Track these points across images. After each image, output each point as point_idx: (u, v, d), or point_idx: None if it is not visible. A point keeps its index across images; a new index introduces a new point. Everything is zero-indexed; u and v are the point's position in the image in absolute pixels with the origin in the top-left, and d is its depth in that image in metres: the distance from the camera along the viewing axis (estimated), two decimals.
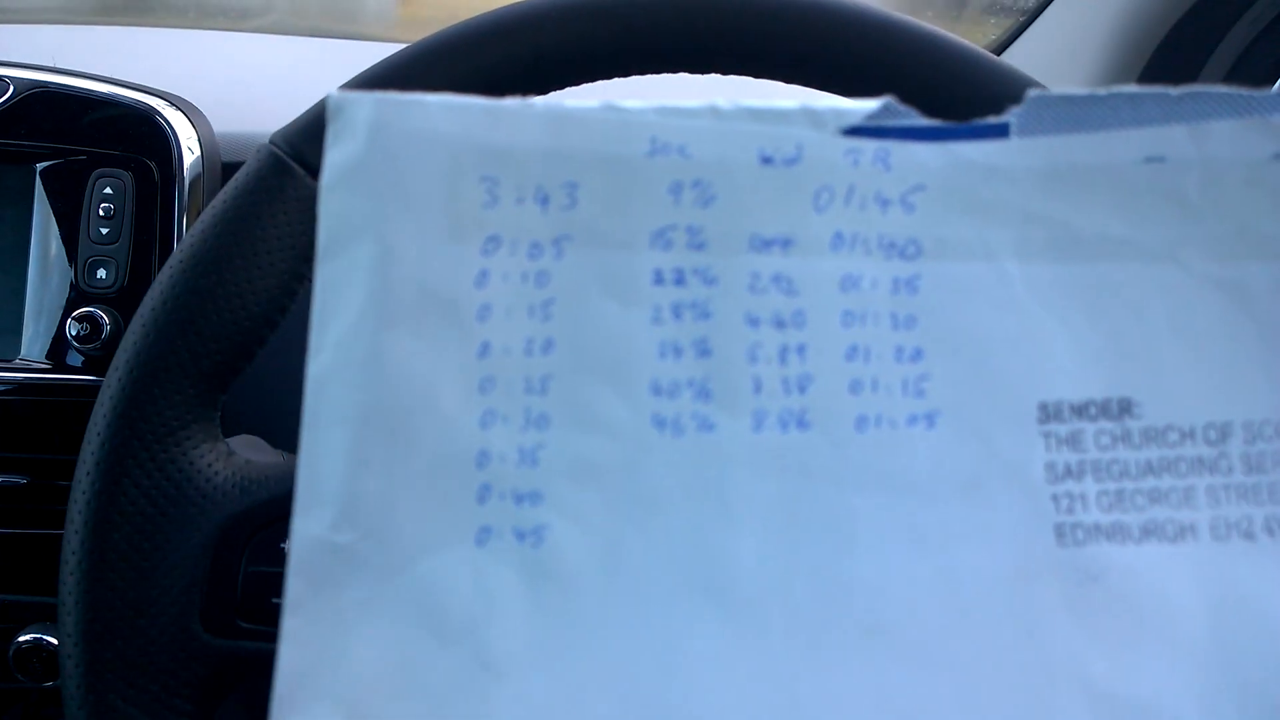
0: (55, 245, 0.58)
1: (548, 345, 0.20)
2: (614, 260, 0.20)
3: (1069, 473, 0.20)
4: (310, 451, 0.19)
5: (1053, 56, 0.76)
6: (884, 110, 0.20)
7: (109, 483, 0.35)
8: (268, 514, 0.36)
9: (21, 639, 0.58)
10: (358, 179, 0.19)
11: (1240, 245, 0.20)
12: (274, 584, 0.35)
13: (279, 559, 0.35)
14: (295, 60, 0.86)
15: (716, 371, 0.20)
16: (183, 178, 0.58)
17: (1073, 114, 0.20)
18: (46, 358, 0.58)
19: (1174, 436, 0.20)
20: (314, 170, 0.36)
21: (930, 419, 0.20)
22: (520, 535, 0.19)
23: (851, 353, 0.20)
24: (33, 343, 0.58)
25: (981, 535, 0.20)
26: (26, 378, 0.57)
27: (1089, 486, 0.20)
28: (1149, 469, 0.20)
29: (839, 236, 0.20)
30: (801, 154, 0.20)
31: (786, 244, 0.20)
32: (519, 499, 0.19)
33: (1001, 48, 0.83)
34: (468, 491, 0.19)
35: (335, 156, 0.19)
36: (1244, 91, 0.20)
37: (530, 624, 0.19)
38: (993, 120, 0.20)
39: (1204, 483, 0.20)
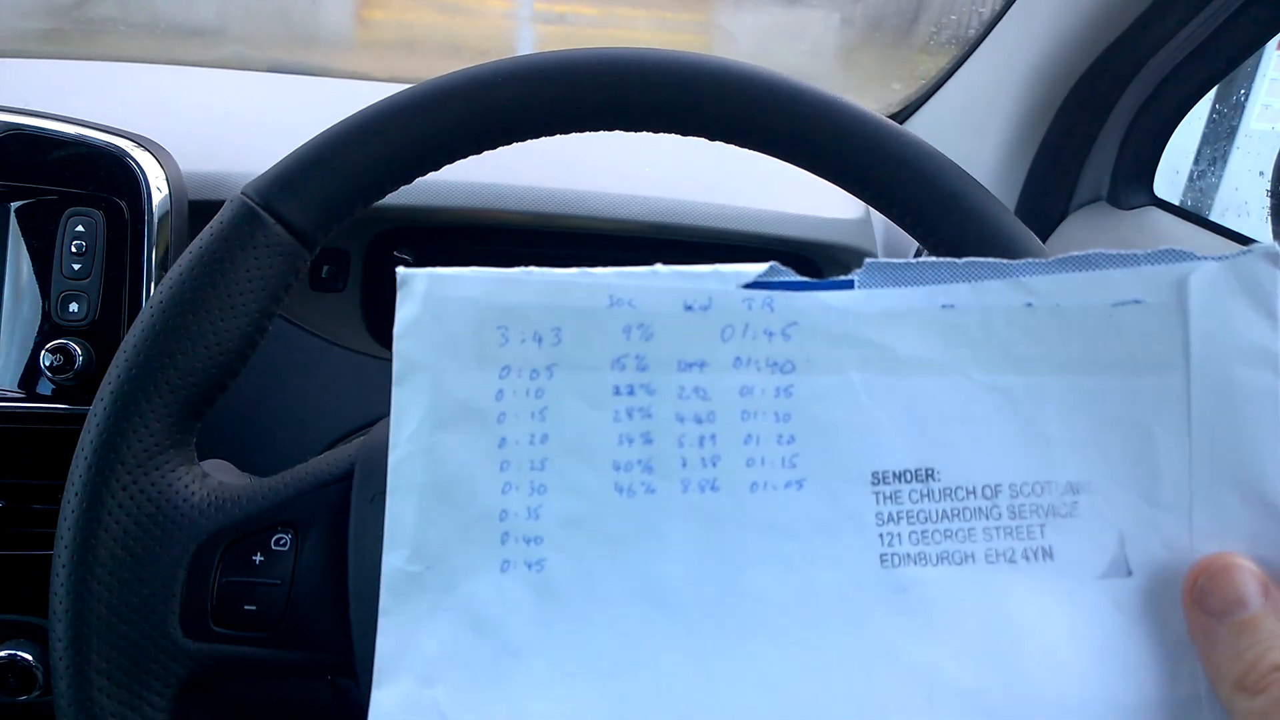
0: (28, 280, 0.59)
1: (544, 438, 0.28)
2: (587, 379, 0.28)
3: (891, 519, 0.28)
4: (392, 510, 0.28)
5: (963, 114, 0.80)
6: (770, 270, 0.28)
7: (94, 502, 0.37)
8: (239, 531, 0.38)
9: None
10: (417, 330, 0.28)
11: (1004, 363, 0.27)
12: (246, 592, 0.38)
13: (250, 570, 0.38)
14: (255, 97, 0.88)
15: (656, 453, 0.28)
16: (152, 216, 0.60)
17: (895, 274, 0.28)
18: (19, 386, 0.59)
19: (962, 493, 0.27)
20: (282, 219, 0.39)
21: (800, 484, 0.28)
22: (529, 565, 0.28)
23: (747, 439, 0.28)
24: (5, 372, 0.59)
25: (831, 561, 0.28)
26: (0, 406, 0.59)
27: (904, 528, 0.28)
28: (944, 515, 0.28)
29: (738, 359, 0.28)
30: (712, 302, 0.28)
31: (703, 365, 0.28)
32: (528, 541, 0.28)
33: (929, 94, 0.88)
34: (494, 536, 0.28)
35: (403, 313, 0.28)
36: (1006, 261, 0.27)
37: (537, 623, 0.28)
38: (842, 278, 0.28)
39: (981, 525, 0.27)
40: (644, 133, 0.42)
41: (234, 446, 0.64)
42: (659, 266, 0.28)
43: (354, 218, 0.41)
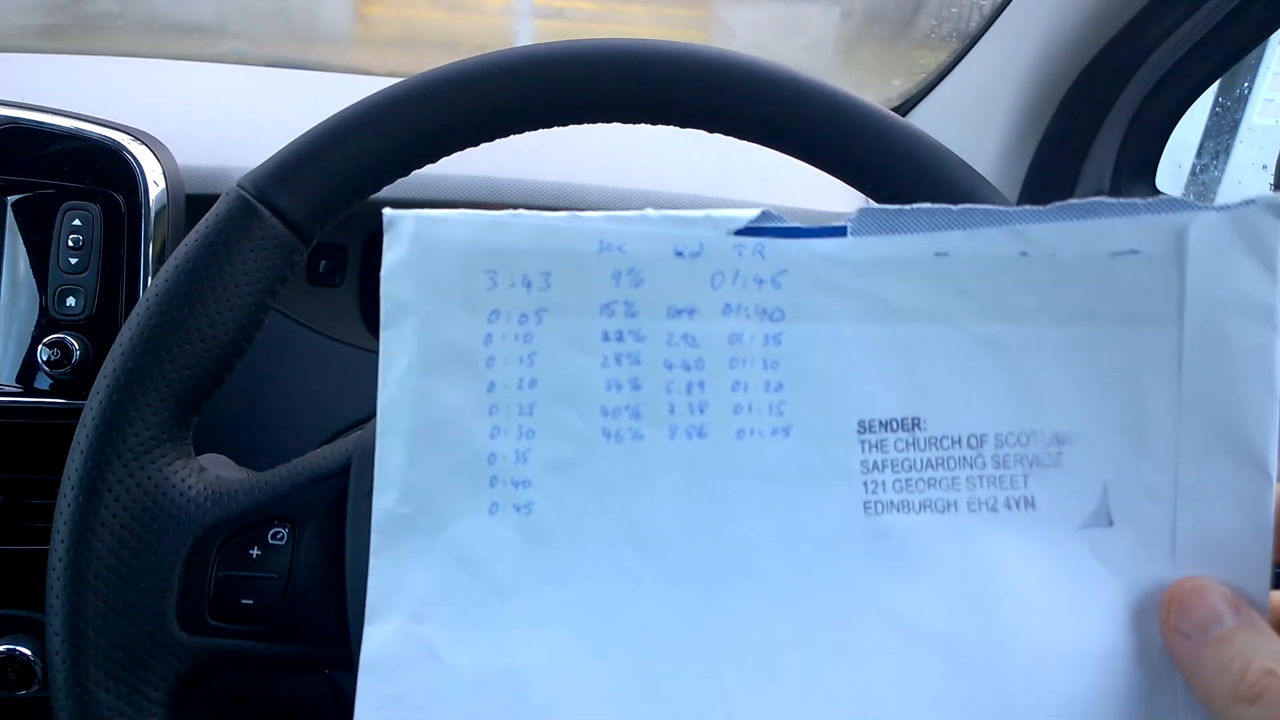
0: (25, 274, 0.59)
1: (533, 382, 0.28)
2: (575, 325, 0.28)
3: (875, 467, 0.28)
4: (382, 453, 0.28)
5: (964, 109, 0.80)
6: (761, 216, 0.28)
7: (91, 496, 0.37)
8: (236, 525, 0.38)
9: None
10: (404, 272, 0.28)
11: (996, 313, 0.27)
12: (243, 586, 0.38)
13: (247, 564, 0.38)
14: (253, 92, 0.87)
15: (644, 399, 0.28)
16: (149, 210, 0.60)
17: (889, 221, 0.27)
18: (16, 381, 0.59)
19: (947, 443, 0.28)
20: (278, 211, 0.39)
21: (786, 430, 0.28)
22: (517, 508, 0.28)
23: (735, 386, 0.28)
24: (2, 367, 0.59)
25: (816, 508, 0.28)
26: None
27: (888, 476, 0.28)
28: (928, 464, 0.28)
29: (728, 306, 0.28)
30: (703, 249, 0.28)
31: (692, 312, 0.28)
32: (515, 484, 0.28)
33: (928, 89, 0.87)
34: (482, 479, 0.28)
35: (390, 256, 0.28)
36: (1002, 208, 0.27)
37: (525, 564, 0.28)
38: (835, 224, 0.28)
39: (965, 474, 0.28)
40: (642, 125, 0.42)
41: (231, 441, 0.63)
42: (649, 211, 0.28)
43: (350, 210, 0.41)
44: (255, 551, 0.38)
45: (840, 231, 0.28)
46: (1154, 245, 0.26)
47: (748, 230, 0.28)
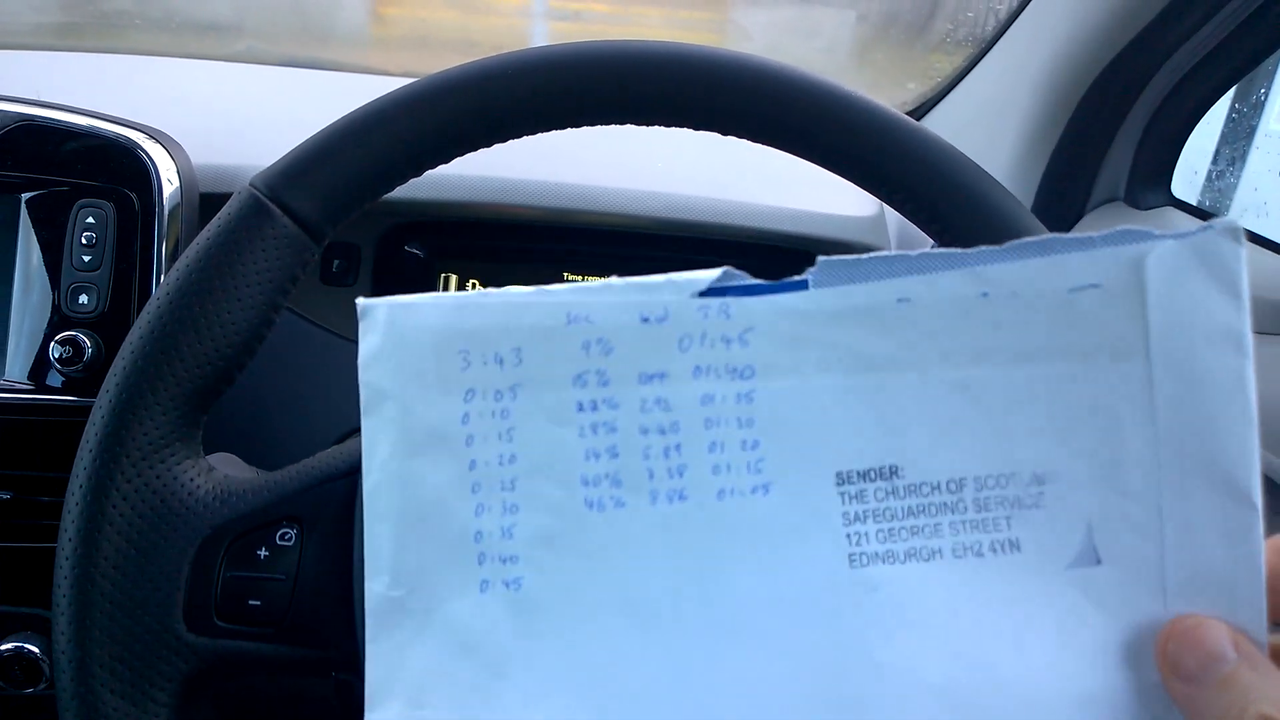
0: (39, 271, 0.59)
1: (513, 458, 0.28)
2: (550, 397, 0.28)
3: (857, 518, 0.28)
4: (370, 537, 0.28)
5: (979, 113, 0.79)
6: (724, 275, 0.28)
7: (99, 495, 0.37)
8: (244, 525, 0.38)
9: (3, 647, 0.60)
10: (381, 359, 0.28)
11: (963, 356, 0.27)
12: (251, 587, 0.38)
13: (255, 565, 0.38)
14: (268, 91, 0.88)
15: (623, 467, 0.28)
16: (162, 208, 0.60)
17: (849, 271, 0.27)
18: (28, 378, 0.59)
19: (926, 489, 0.27)
20: (290, 211, 0.39)
21: (766, 488, 0.28)
22: (506, 584, 0.28)
23: (712, 446, 0.28)
24: (14, 364, 0.59)
25: (802, 563, 0.28)
26: (9, 398, 0.59)
27: (870, 527, 0.27)
28: (910, 512, 0.27)
29: (698, 368, 0.28)
30: (668, 313, 0.28)
31: (663, 377, 0.28)
32: (503, 560, 0.28)
33: (943, 93, 0.87)
34: (470, 558, 0.28)
35: (366, 344, 0.28)
36: (960, 251, 0.27)
37: (518, 640, 0.28)
38: (796, 278, 0.28)
39: (947, 520, 0.27)
40: (655, 127, 0.42)
41: (241, 440, 0.64)
42: (614, 279, 0.28)
43: (362, 210, 0.41)
44: (263, 552, 0.38)
45: (802, 285, 0.28)
46: (1113, 278, 0.26)
47: (711, 291, 0.28)
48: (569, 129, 0.42)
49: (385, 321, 0.28)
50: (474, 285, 0.74)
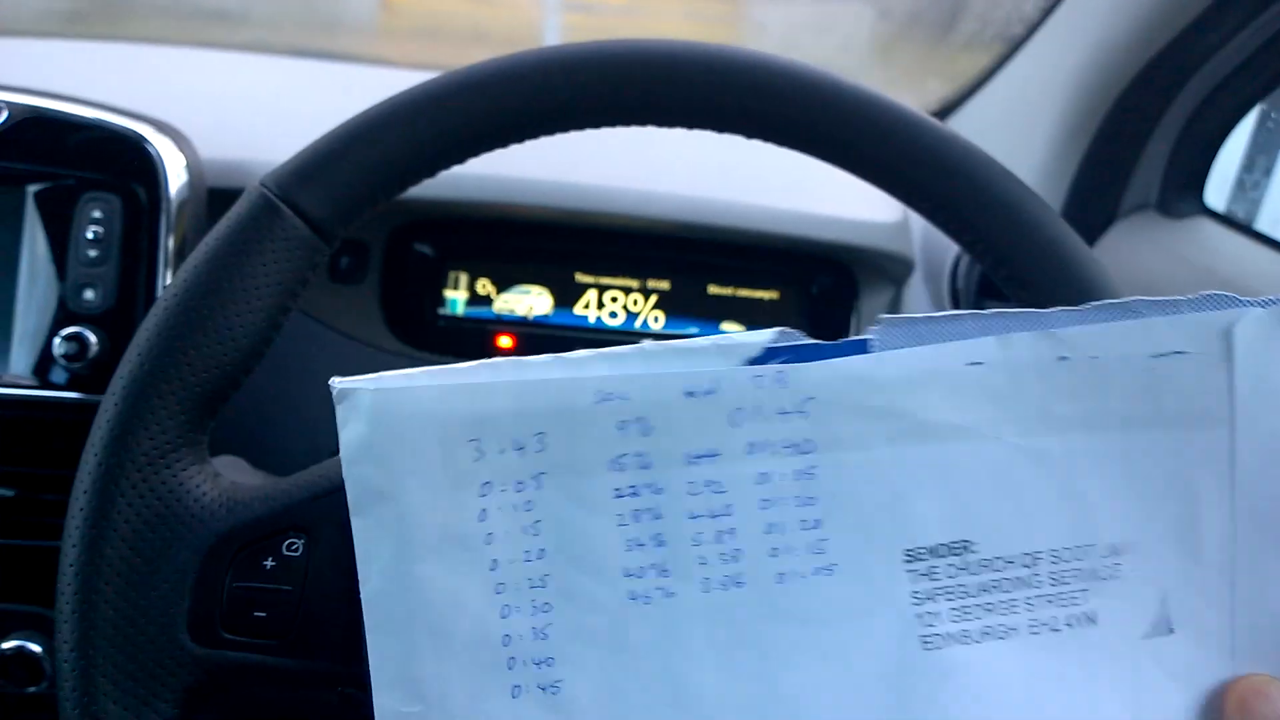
0: (44, 265, 0.58)
1: (541, 553, 0.26)
2: (582, 484, 0.26)
3: (928, 597, 0.26)
4: (375, 649, 0.26)
5: (1006, 116, 0.78)
6: (778, 336, 0.25)
7: (104, 501, 0.36)
8: (251, 534, 0.37)
9: (5, 646, 0.59)
10: (370, 453, 0.25)
11: (1040, 424, 0.26)
12: (256, 598, 0.37)
13: (261, 575, 0.37)
14: (276, 83, 0.87)
15: (671, 555, 0.26)
16: (170, 203, 0.59)
17: (914, 332, 0.26)
18: (33, 375, 0.58)
19: (1000, 564, 0.26)
20: (300, 211, 0.38)
21: (829, 569, 0.26)
22: (542, 688, 0.26)
23: (769, 528, 0.26)
24: (19, 360, 0.59)
25: (869, 649, 0.26)
26: (13, 394, 0.58)
27: (942, 605, 0.26)
28: (983, 588, 0.26)
29: (752, 445, 0.26)
30: (717, 385, 0.25)
31: (714, 456, 0.26)
32: (538, 663, 0.26)
33: (968, 94, 0.86)
34: (499, 663, 0.26)
35: (349, 435, 0.25)
36: (1036, 310, 0.26)
37: None
38: (857, 338, 0.26)
39: (1022, 595, 0.26)
40: (677, 129, 0.41)
41: (246, 441, 0.63)
42: (647, 344, 0.26)
43: (374, 211, 0.40)
44: (269, 562, 0.37)
45: (863, 346, 0.26)
46: (1200, 345, 0.25)
47: (764, 357, 0.26)
48: (588, 130, 0.41)
49: (371, 410, 0.25)
50: (484, 285, 0.73)
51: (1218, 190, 0.73)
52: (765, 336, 0.26)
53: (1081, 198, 0.69)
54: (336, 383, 0.25)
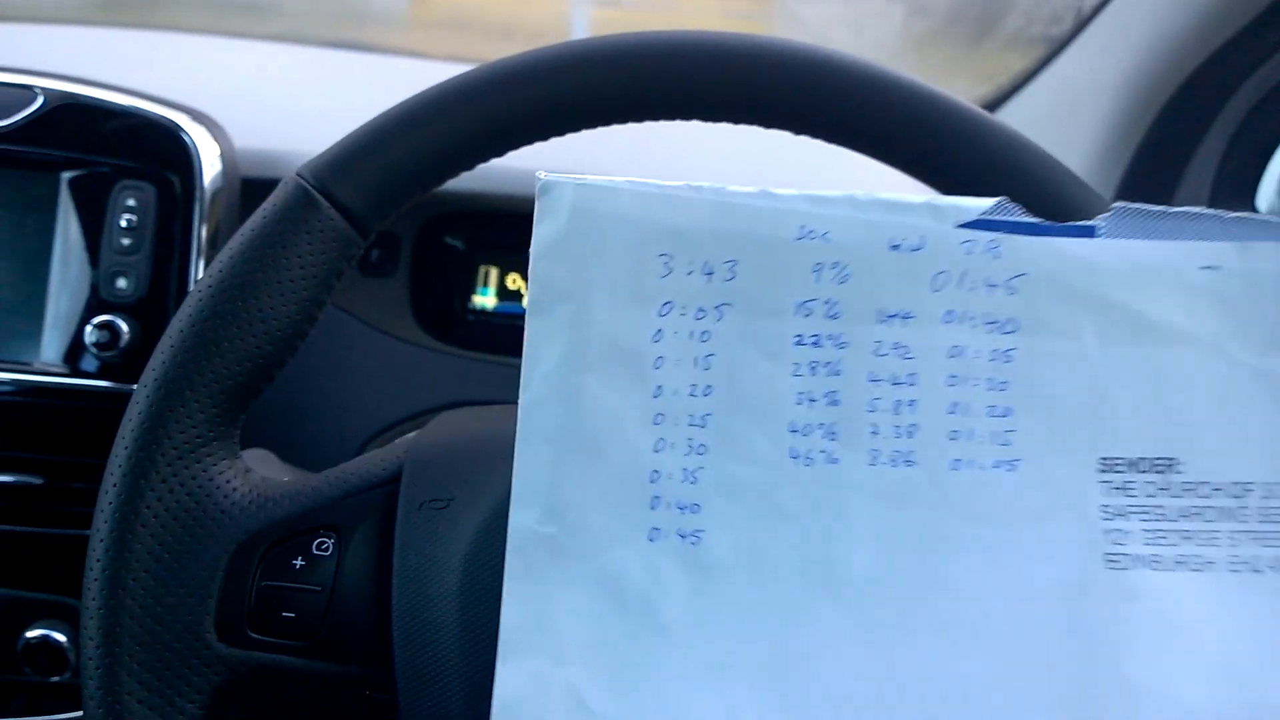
0: (77, 253, 0.58)
1: (708, 389, 0.25)
2: (764, 324, 0.24)
3: (1119, 513, 0.24)
4: (522, 461, 0.25)
5: (1050, 114, 0.76)
6: (997, 207, 0.24)
7: (132, 495, 0.36)
8: (281, 532, 0.37)
9: (30, 635, 0.59)
10: (561, 251, 0.24)
11: (1273, 344, 0.24)
12: (285, 598, 0.36)
13: (290, 575, 0.36)
14: (309, 73, 0.87)
15: (843, 417, 0.24)
16: (204, 192, 0.59)
17: (1148, 224, 0.24)
18: (64, 362, 0.58)
19: (1206, 490, 0.24)
20: (337, 203, 0.37)
21: (1012, 464, 0.24)
22: (682, 535, 0.25)
23: (953, 407, 0.24)
24: (50, 347, 0.59)
25: (1046, 556, 0.24)
26: (44, 381, 0.58)
27: (1135, 525, 0.24)
28: (1183, 514, 0.24)
29: (950, 313, 0.24)
30: (925, 243, 0.24)
31: (906, 317, 0.24)
32: (682, 508, 0.25)
33: (1009, 95, 0.84)
34: (642, 500, 0.25)
35: (543, 231, 0.24)
36: None
37: (689, 601, 0.25)
38: (1084, 223, 0.24)
39: (1226, 528, 0.24)
40: (722, 123, 0.40)
41: (275, 433, 0.62)
42: (858, 192, 0.24)
43: (412, 203, 0.39)
44: (299, 561, 0.37)
45: (1089, 231, 0.24)
46: None
47: (980, 224, 0.24)
48: (630, 123, 0.40)
49: (572, 205, 0.25)
50: (514, 280, 0.73)
51: (1266, 195, 0.71)
52: (985, 203, 0.24)
53: (1130, 201, 0.68)
54: (542, 175, 0.25)
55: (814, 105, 0.37)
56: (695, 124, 0.40)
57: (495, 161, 0.40)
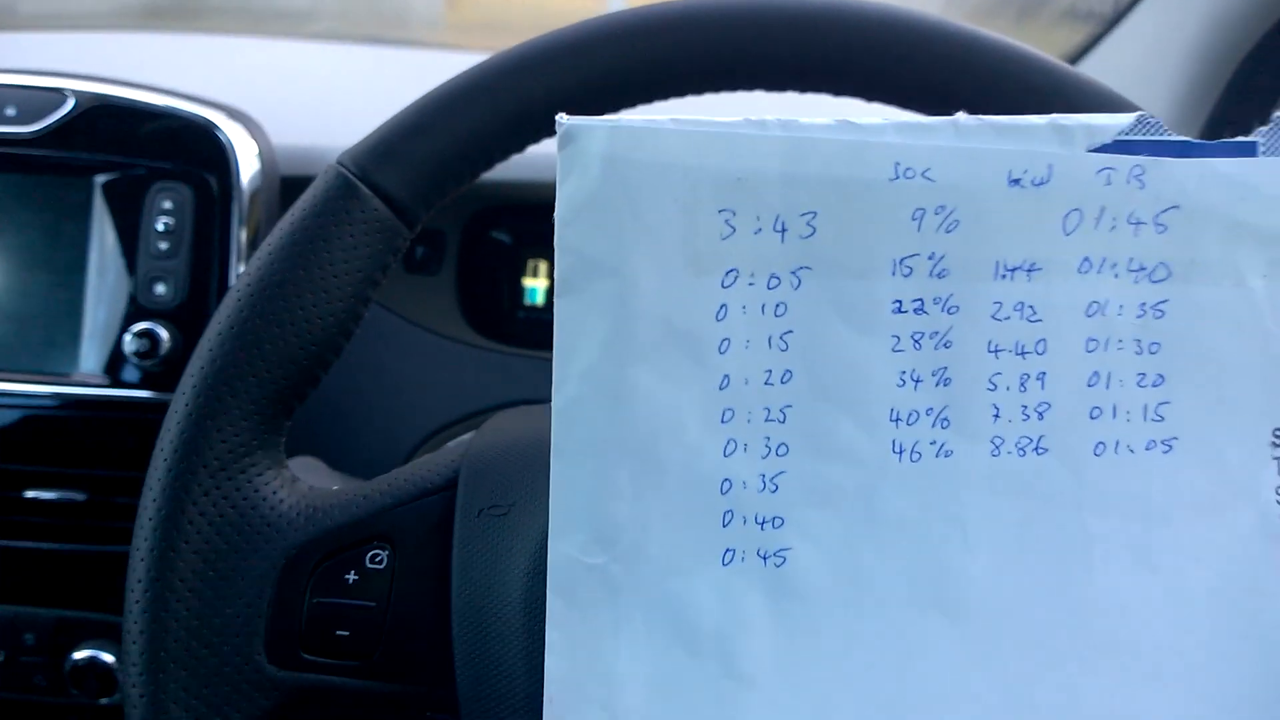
0: (113, 260, 0.58)
1: (786, 376, 0.21)
2: (853, 289, 0.20)
3: None
4: (561, 478, 0.21)
5: (1134, 64, 0.73)
6: (1138, 123, 0.20)
7: (174, 510, 0.34)
8: (331, 545, 0.35)
9: (78, 656, 0.58)
10: (594, 213, 0.20)
11: None
12: (338, 615, 0.35)
13: (343, 590, 0.35)
14: (348, 69, 0.86)
15: (956, 399, 0.21)
16: (242, 192, 0.58)
17: None
18: (104, 373, 0.58)
19: None
20: (381, 192, 0.36)
21: (1168, 444, 0.20)
22: (764, 556, 0.21)
23: (1093, 378, 0.21)
24: (89, 358, 0.58)
25: (1213, 554, 0.20)
26: (83, 394, 0.57)
27: None
28: None
29: (1087, 260, 0.20)
30: (1052, 174, 0.20)
31: (1032, 269, 0.20)
32: (761, 523, 0.21)
33: (1083, 52, 0.81)
34: (713, 516, 0.21)
35: (569, 189, 0.20)
36: None
37: (776, 637, 0.21)
38: (1240, 139, 0.20)
39: None
40: (788, 93, 0.37)
41: (322, 440, 0.61)
42: (961, 115, 0.20)
43: (459, 191, 0.37)
44: (352, 576, 0.35)
45: (1250, 149, 0.20)
46: None
47: (1117, 146, 0.20)
48: (691, 96, 0.37)
49: (604, 154, 0.20)
50: None
51: None
52: (1120, 119, 0.20)
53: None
54: (564, 118, 0.21)
55: (907, 74, 0.34)
56: None
57: (539, 147, 0.37)
